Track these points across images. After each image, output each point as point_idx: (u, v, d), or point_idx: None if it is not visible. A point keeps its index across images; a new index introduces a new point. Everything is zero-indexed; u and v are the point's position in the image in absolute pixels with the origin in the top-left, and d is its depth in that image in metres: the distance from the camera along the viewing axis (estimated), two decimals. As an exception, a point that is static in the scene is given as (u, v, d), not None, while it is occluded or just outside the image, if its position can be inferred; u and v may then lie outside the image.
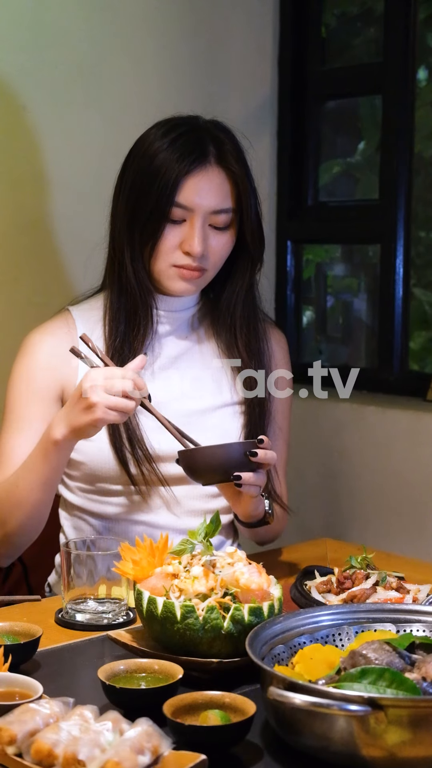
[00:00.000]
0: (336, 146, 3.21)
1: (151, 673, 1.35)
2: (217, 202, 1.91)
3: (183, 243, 1.91)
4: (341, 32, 3.11)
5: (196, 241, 1.90)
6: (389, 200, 2.81)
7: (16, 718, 1.18)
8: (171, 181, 1.89)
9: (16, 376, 1.99)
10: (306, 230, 3.07)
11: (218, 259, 1.96)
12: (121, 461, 1.93)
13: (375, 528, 2.70)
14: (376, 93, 2.90)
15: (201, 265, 1.93)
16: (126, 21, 2.67)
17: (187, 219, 1.91)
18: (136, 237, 1.93)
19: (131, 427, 1.94)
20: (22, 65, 2.50)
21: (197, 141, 1.93)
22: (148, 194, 1.90)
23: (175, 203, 1.89)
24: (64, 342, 1.97)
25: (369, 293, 3.09)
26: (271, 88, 3.02)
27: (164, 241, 1.92)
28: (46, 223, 2.58)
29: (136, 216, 1.92)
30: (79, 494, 2.02)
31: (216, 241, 1.94)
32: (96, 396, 1.70)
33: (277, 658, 1.34)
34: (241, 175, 1.94)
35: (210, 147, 1.93)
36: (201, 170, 1.90)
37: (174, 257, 1.92)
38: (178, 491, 1.99)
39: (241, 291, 2.03)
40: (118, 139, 2.66)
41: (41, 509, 1.89)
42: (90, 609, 1.63)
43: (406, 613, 1.44)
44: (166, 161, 1.90)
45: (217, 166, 1.92)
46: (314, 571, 1.79)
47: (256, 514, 1.89)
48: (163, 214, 1.90)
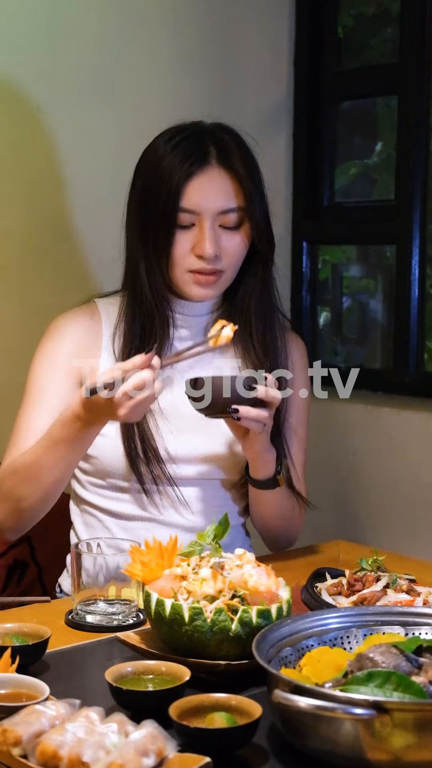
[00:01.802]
0: (353, 147, 3.20)
1: (159, 675, 1.35)
2: (222, 203, 1.91)
3: (195, 247, 1.92)
4: (358, 32, 3.10)
5: (207, 244, 1.90)
6: (405, 200, 2.80)
7: (21, 719, 1.18)
8: (174, 187, 1.89)
9: (40, 356, 2.01)
10: (322, 231, 3.06)
11: (233, 259, 1.96)
12: (131, 460, 1.94)
13: (388, 530, 2.70)
14: (392, 93, 2.89)
15: (215, 267, 1.93)
16: (141, 22, 2.68)
17: (195, 223, 1.92)
18: (150, 248, 1.94)
19: (143, 427, 1.95)
20: (37, 67, 2.50)
21: (197, 143, 1.93)
22: (155, 203, 1.91)
23: (181, 208, 1.90)
24: (89, 331, 2.00)
25: (385, 294, 3.08)
26: (287, 88, 3.02)
27: (176, 248, 1.92)
28: (61, 224, 2.58)
29: (147, 227, 1.93)
30: (90, 489, 2.03)
31: (228, 241, 1.94)
32: (123, 410, 1.70)
33: (284, 660, 1.33)
34: (245, 173, 1.93)
35: (211, 148, 1.93)
36: (202, 172, 1.91)
37: (188, 262, 1.93)
38: (187, 492, 1.99)
39: (255, 290, 2.03)
40: (132, 141, 2.66)
41: (60, 488, 1.90)
42: (100, 610, 1.64)
43: (416, 616, 1.43)
44: (168, 168, 1.91)
45: (219, 166, 1.92)
46: (325, 573, 1.79)
47: (265, 471, 1.92)
48: (171, 221, 1.90)
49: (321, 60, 3.01)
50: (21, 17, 2.47)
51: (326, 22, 3.00)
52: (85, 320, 2.03)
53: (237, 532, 2.11)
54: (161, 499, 1.98)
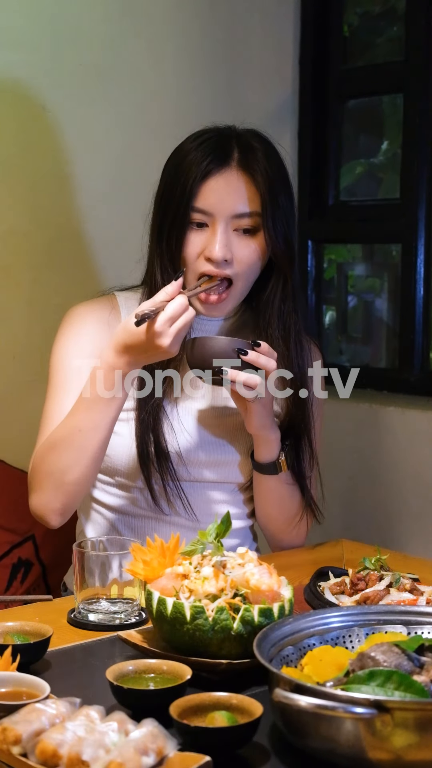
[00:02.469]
0: (358, 146, 3.19)
1: (160, 673, 1.35)
2: (237, 206, 1.88)
3: (204, 250, 1.88)
4: (363, 31, 3.10)
5: (217, 246, 1.86)
6: (410, 199, 2.79)
7: (21, 717, 1.18)
8: (189, 186, 1.87)
9: (62, 342, 1.99)
10: (327, 230, 3.06)
11: (246, 267, 1.91)
12: (143, 460, 1.94)
13: (393, 529, 2.69)
14: (398, 92, 2.88)
15: (224, 272, 1.88)
16: (145, 21, 2.67)
17: (209, 224, 1.88)
18: (164, 246, 1.92)
19: (157, 428, 1.94)
20: (42, 66, 2.50)
21: (221, 144, 1.90)
22: (171, 201, 1.89)
23: (194, 208, 1.87)
24: (109, 323, 1.98)
25: (390, 293, 3.07)
26: (292, 87, 3.01)
27: (187, 248, 1.89)
28: (67, 223, 2.58)
29: (163, 224, 1.92)
30: (98, 486, 2.03)
31: (242, 247, 1.89)
32: (167, 339, 1.72)
33: (285, 659, 1.33)
34: (266, 180, 1.89)
35: (234, 151, 1.90)
36: (220, 173, 1.88)
37: (198, 265, 1.89)
38: (195, 492, 1.99)
39: (274, 303, 1.97)
40: (137, 140, 2.68)
41: (103, 451, 1.87)
42: (102, 609, 1.63)
43: (418, 615, 1.43)
44: (187, 166, 1.88)
45: (239, 169, 1.89)
46: (328, 572, 1.78)
47: (267, 453, 1.93)
48: (185, 220, 1.88)
49: (326, 58, 3.01)
50: (26, 17, 2.47)
51: (332, 20, 3.00)
52: (104, 312, 2.01)
53: (245, 534, 2.11)
54: (168, 499, 1.98)
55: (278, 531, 2.07)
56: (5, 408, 2.47)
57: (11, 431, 2.47)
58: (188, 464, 1.97)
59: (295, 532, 2.06)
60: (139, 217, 2.02)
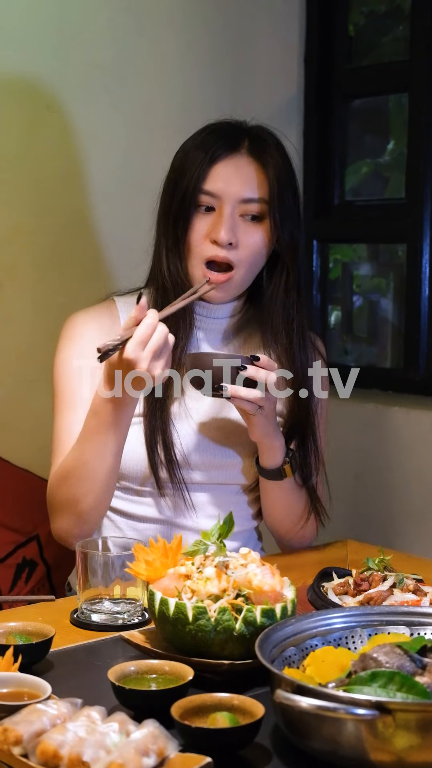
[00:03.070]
0: (364, 146, 3.19)
1: (162, 674, 1.34)
2: (245, 191, 1.90)
3: (210, 232, 1.90)
4: (369, 30, 3.09)
5: (222, 228, 1.88)
6: (416, 199, 2.78)
7: (22, 718, 1.18)
8: (198, 169, 1.89)
9: (63, 360, 1.98)
10: (332, 230, 3.05)
11: (249, 254, 1.92)
12: (153, 466, 1.93)
13: (397, 529, 2.68)
14: (403, 91, 2.88)
15: (228, 256, 1.90)
16: (150, 21, 2.67)
17: (215, 208, 1.91)
18: (170, 231, 1.93)
19: (166, 434, 1.94)
20: (47, 66, 2.50)
21: (231, 132, 1.94)
22: (179, 184, 1.91)
23: (203, 190, 1.89)
24: (109, 330, 1.96)
25: (396, 293, 3.06)
26: (298, 86, 3.01)
27: (193, 231, 1.91)
28: (70, 223, 2.58)
29: (170, 208, 1.93)
30: None
31: (247, 234, 1.91)
32: (144, 363, 1.69)
33: (288, 660, 1.33)
34: (274, 168, 1.92)
35: (244, 140, 1.94)
36: (229, 157, 1.91)
37: (203, 248, 1.90)
38: (201, 495, 1.99)
39: (278, 295, 1.99)
40: (142, 140, 2.68)
41: (113, 478, 1.86)
42: (105, 609, 1.63)
43: (421, 615, 1.42)
44: (197, 150, 1.91)
45: (248, 155, 1.93)
46: (332, 572, 1.78)
47: (271, 459, 1.92)
48: (192, 202, 1.90)
49: (332, 58, 3.00)
50: (31, 16, 2.47)
51: (337, 19, 2.99)
52: (103, 319, 2.01)
53: (249, 536, 2.10)
54: (174, 502, 1.97)
55: (285, 532, 2.06)
56: (9, 408, 2.47)
57: (15, 431, 2.47)
58: (194, 466, 1.97)
59: (302, 532, 2.06)
60: (145, 216, 2.02)
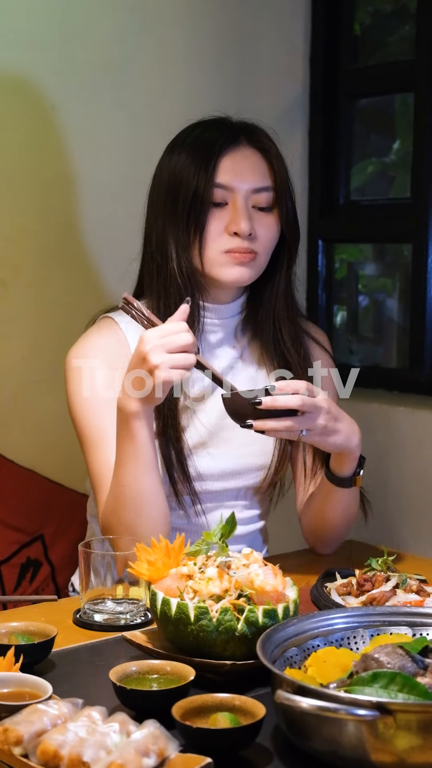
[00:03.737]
0: (369, 145, 3.18)
1: (164, 674, 1.34)
2: (256, 180, 1.92)
3: (229, 225, 1.91)
4: (375, 30, 3.08)
5: (242, 221, 1.89)
6: (421, 199, 2.77)
7: (23, 718, 1.18)
8: (208, 164, 1.90)
9: (79, 398, 1.92)
10: (338, 229, 3.05)
11: (267, 242, 1.95)
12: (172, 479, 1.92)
13: (402, 530, 2.68)
14: (409, 90, 2.87)
15: (251, 246, 1.91)
16: (154, 21, 2.67)
17: (229, 201, 1.91)
18: (182, 228, 1.92)
19: (180, 449, 1.92)
20: (51, 65, 2.50)
21: (225, 127, 1.97)
22: (187, 182, 1.91)
23: (216, 184, 1.90)
24: (119, 354, 1.92)
25: (402, 293, 3.06)
26: (303, 86, 3.00)
27: (210, 226, 1.91)
28: (75, 223, 2.58)
29: (179, 207, 1.92)
30: None
31: (261, 223, 1.93)
32: (157, 357, 1.66)
33: (289, 660, 1.32)
34: (277, 158, 1.95)
35: (240, 133, 1.96)
36: (235, 149, 1.93)
37: (222, 242, 1.91)
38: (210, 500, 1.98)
39: (280, 288, 2.02)
40: (146, 139, 2.67)
41: (158, 494, 1.79)
42: (108, 609, 1.63)
43: (423, 616, 1.42)
44: (200, 147, 1.92)
45: (250, 145, 1.95)
46: (335, 573, 1.77)
47: (343, 468, 1.89)
48: (205, 198, 1.90)
49: (337, 57, 2.99)
50: (35, 16, 2.47)
51: (343, 19, 2.98)
52: (109, 342, 1.96)
53: (254, 537, 2.10)
54: (182, 507, 1.97)
55: (337, 534, 2.03)
56: (14, 408, 2.47)
57: (20, 431, 2.47)
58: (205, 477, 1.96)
59: (348, 528, 2.05)
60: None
